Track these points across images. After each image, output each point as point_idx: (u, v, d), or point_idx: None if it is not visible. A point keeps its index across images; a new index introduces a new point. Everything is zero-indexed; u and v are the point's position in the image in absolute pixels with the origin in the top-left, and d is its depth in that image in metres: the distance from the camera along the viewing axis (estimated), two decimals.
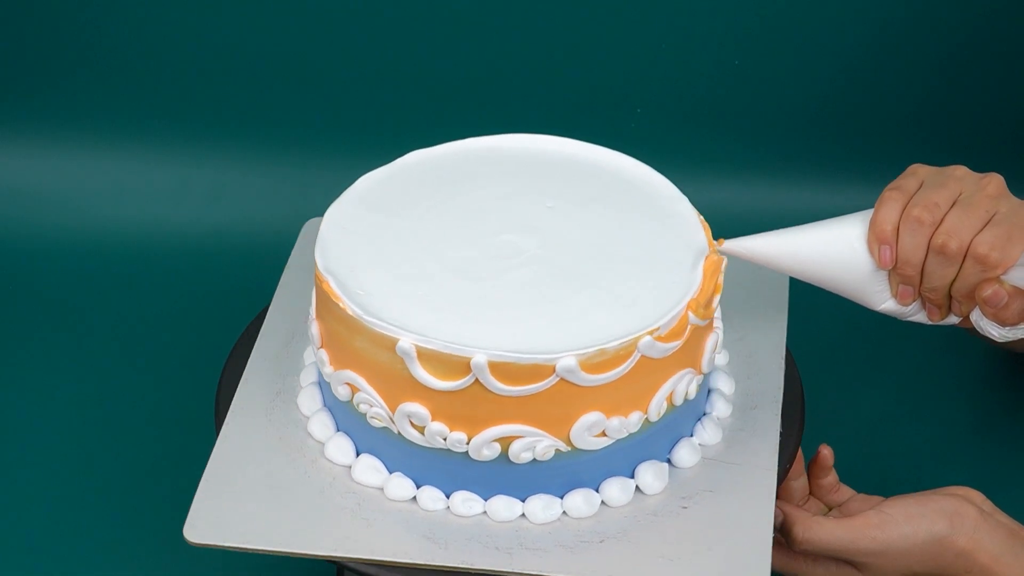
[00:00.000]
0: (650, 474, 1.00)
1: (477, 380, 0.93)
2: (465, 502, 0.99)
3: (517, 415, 0.95)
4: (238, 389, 1.07)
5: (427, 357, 0.94)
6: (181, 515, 1.22)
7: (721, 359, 1.08)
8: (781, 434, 1.04)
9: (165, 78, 1.48)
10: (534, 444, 0.96)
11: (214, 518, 0.99)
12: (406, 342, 0.94)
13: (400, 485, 1.00)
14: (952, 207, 1.00)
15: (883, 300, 1.03)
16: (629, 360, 0.95)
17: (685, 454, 1.02)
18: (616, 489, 0.99)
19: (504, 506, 0.98)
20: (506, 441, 0.96)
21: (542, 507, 0.98)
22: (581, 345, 0.94)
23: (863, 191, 1.51)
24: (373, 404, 0.98)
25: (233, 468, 1.01)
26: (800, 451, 1.08)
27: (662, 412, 0.99)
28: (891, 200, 1.01)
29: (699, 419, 1.04)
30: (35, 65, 1.48)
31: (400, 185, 1.07)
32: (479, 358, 0.93)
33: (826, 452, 1.11)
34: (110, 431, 1.29)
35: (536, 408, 0.95)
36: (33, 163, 1.51)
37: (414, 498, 1.00)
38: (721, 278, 1.01)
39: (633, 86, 1.48)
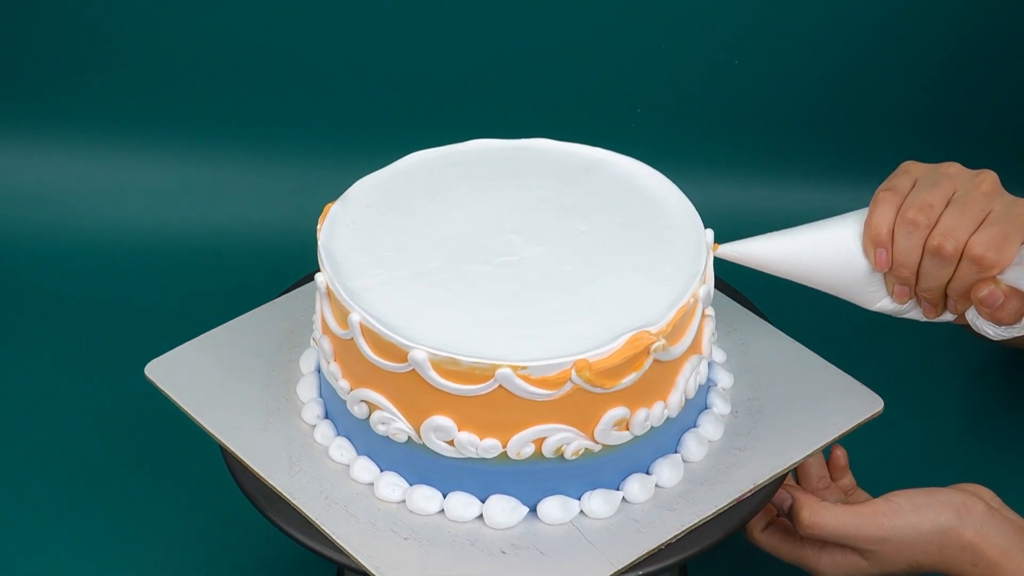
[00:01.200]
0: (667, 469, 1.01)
1: (501, 386, 0.94)
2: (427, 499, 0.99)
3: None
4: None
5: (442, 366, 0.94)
6: (182, 515, 1.22)
7: (719, 356, 1.08)
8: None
9: (165, 78, 1.48)
10: (570, 440, 0.96)
11: (179, 370, 1.04)
12: (419, 353, 0.94)
13: (384, 482, 1.00)
14: (947, 207, 0.99)
15: (878, 300, 1.03)
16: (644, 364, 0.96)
17: (667, 471, 1.01)
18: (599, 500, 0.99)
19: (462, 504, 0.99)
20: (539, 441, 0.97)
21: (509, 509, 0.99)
22: (589, 348, 0.94)
23: (863, 191, 1.51)
24: (393, 419, 0.98)
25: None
26: None
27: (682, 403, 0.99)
28: (885, 201, 1.00)
29: (686, 430, 1.04)
30: (35, 65, 1.48)
31: (399, 187, 1.07)
32: (504, 370, 0.93)
33: (839, 453, 1.11)
34: (110, 431, 1.29)
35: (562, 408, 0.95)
36: (33, 163, 1.51)
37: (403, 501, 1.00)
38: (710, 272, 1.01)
39: (633, 86, 1.48)
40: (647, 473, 1.00)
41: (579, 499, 0.99)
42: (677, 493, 1.00)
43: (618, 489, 0.99)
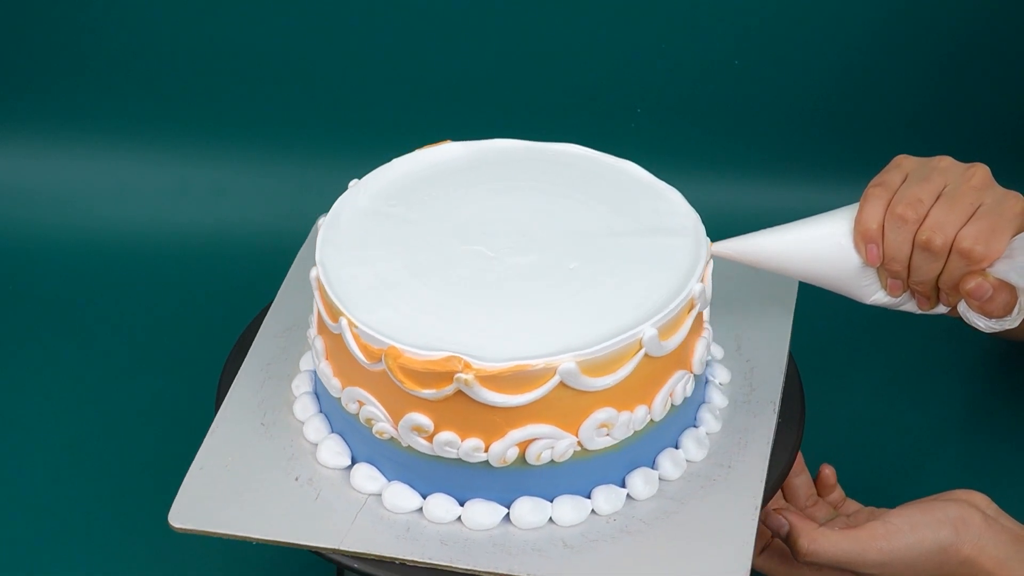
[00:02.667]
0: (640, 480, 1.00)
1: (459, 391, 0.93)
2: (441, 505, 0.99)
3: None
4: (232, 385, 1.07)
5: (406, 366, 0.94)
6: None
7: (717, 358, 1.08)
8: (779, 429, 1.04)
9: (165, 78, 1.49)
10: (551, 445, 0.96)
11: (199, 505, 0.99)
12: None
13: (394, 492, 0.99)
14: (936, 201, 0.99)
15: (872, 293, 1.03)
16: (634, 359, 0.95)
17: (669, 465, 1.01)
18: (602, 498, 0.99)
19: (486, 511, 0.98)
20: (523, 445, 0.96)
21: (529, 510, 0.98)
22: (581, 346, 0.94)
23: (862, 190, 1.51)
24: (379, 418, 0.98)
25: (221, 461, 1.01)
26: (799, 453, 1.08)
27: (666, 410, 0.99)
28: (875, 197, 1.00)
29: (686, 429, 1.04)
30: (35, 65, 1.48)
31: (398, 187, 1.07)
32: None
33: (828, 472, 1.11)
34: (110, 431, 1.29)
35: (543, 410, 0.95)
36: (33, 163, 1.51)
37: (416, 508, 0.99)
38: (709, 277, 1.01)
39: (633, 86, 1.48)
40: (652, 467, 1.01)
41: (551, 502, 0.99)
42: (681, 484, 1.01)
43: (622, 486, 1.00)
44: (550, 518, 0.98)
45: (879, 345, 1.37)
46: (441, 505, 0.98)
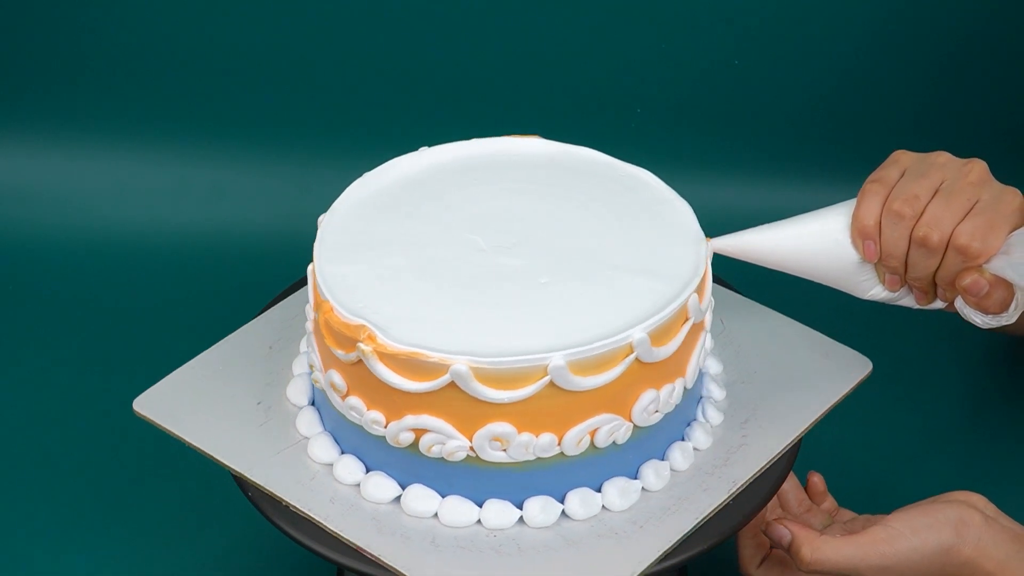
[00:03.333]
0: (615, 488, 0.99)
1: (453, 383, 0.93)
2: (419, 499, 0.98)
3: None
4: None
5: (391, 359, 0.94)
6: (181, 515, 1.22)
7: (713, 366, 1.08)
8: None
9: (165, 78, 1.49)
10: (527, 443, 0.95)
11: (167, 402, 1.03)
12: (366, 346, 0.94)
13: (376, 484, 0.99)
14: (933, 197, 0.99)
15: (870, 288, 1.03)
16: (624, 362, 0.95)
17: (651, 475, 1.00)
18: (576, 502, 0.98)
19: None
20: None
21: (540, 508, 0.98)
22: (572, 344, 0.93)
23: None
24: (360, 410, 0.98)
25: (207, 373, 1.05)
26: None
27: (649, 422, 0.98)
28: (872, 193, 1.00)
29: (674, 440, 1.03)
30: (35, 65, 1.48)
31: (397, 187, 1.07)
32: (459, 366, 0.92)
33: (816, 479, 1.11)
34: (110, 431, 1.29)
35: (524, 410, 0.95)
36: (33, 163, 1.51)
37: (398, 498, 0.99)
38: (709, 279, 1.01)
39: (633, 86, 1.48)
40: (662, 459, 1.00)
41: (520, 501, 0.98)
42: (688, 477, 1.00)
43: (636, 477, 0.99)
44: (521, 517, 0.97)
45: (877, 345, 1.37)
46: (381, 484, 0.98)
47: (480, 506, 0.97)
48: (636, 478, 0.99)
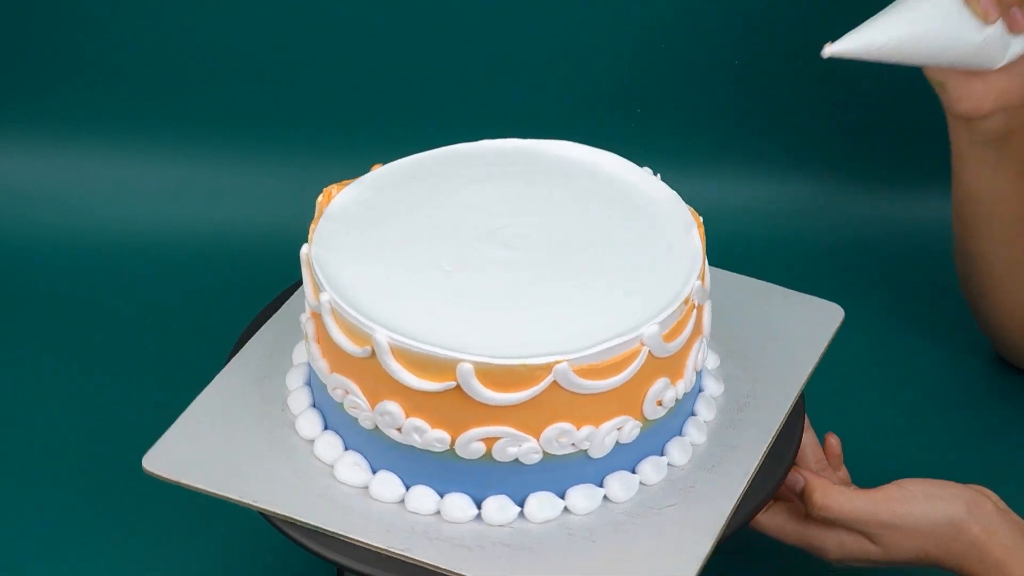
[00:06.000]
0: (617, 483, 1.00)
1: (458, 386, 0.93)
2: (421, 497, 0.98)
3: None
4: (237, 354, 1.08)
5: (405, 356, 0.94)
6: (180, 515, 1.22)
7: (711, 362, 1.08)
8: (780, 437, 1.04)
9: (165, 78, 1.49)
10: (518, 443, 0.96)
11: (175, 456, 1.00)
12: (381, 336, 0.94)
13: (385, 483, 0.99)
14: None
15: (1004, 50, 1.02)
16: (637, 360, 0.95)
17: (649, 470, 1.01)
18: (579, 496, 0.99)
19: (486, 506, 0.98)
20: (490, 442, 0.96)
21: (538, 505, 0.98)
22: (577, 348, 0.94)
23: (865, 191, 1.51)
24: (359, 404, 0.98)
25: (208, 421, 1.03)
26: (805, 415, 1.08)
27: (657, 416, 0.99)
28: None
29: (672, 436, 1.03)
30: (35, 65, 1.48)
31: (400, 184, 1.07)
32: (464, 366, 0.92)
33: (833, 441, 1.12)
34: (109, 431, 1.29)
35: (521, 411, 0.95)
36: (33, 163, 1.51)
37: (402, 500, 0.99)
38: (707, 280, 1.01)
39: (633, 86, 1.48)
40: (661, 454, 1.01)
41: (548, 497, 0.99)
42: (711, 445, 1.02)
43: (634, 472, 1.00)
44: (521, 512, 0.98)
45: (882, 357, 1.37)
46: (425, 496, 0.98)
47: (521, 504, 0.98)
48: (663, 455, 1.01)
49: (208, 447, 1.01)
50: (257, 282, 1.35)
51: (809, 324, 1.10)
